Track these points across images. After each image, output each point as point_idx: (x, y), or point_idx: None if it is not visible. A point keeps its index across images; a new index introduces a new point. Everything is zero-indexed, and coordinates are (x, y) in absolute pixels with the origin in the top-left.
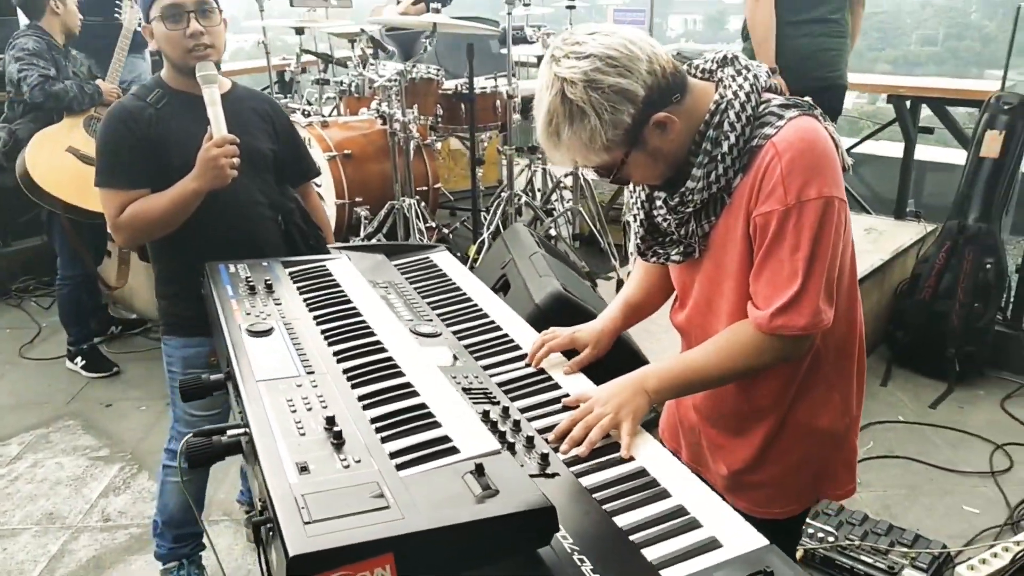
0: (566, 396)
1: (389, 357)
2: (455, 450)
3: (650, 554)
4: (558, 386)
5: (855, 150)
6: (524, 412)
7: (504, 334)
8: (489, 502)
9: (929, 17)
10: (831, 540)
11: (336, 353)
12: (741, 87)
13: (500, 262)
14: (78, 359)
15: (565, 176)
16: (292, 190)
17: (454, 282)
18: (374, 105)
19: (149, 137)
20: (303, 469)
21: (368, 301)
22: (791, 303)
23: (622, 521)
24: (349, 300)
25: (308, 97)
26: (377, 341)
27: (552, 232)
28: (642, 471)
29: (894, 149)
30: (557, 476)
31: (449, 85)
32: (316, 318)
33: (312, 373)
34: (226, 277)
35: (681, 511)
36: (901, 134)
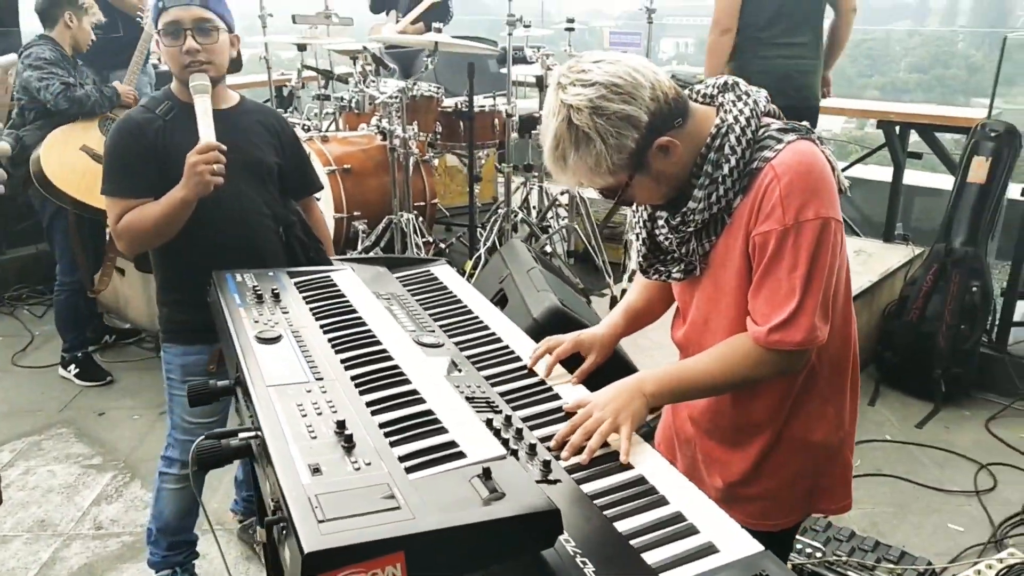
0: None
1: (395, 365)
2: (462, 455)
3: (650, 558)
4: (558, 396)
5: (845, 174)
6: (526, 421)
7: (505, 346)
8: (496, 504)
9: (917, 46)
10: (819, 556)
11: (344, 361)
12: (742, 112)
13: (498, 277)
14: (71, 367)
15: (561, 194)
16: (295, 203)
17: (455, 295)
18: (374, 121)
19: (155, 148)
20: (315, 470)
21: (373, 311)
22: (788, 320)
23: (622, 526)
24: (355, 310)
25: (308, 112)
26: (383, 350)
27: (547, 248)
28: (641, 479)
29: (882, 173)
30: (559, 482)
31: (449, 103)
32: (323, 327)
33: (321, 379)
34: (233, 286)
35: (679, 517)
36: (890, 159)
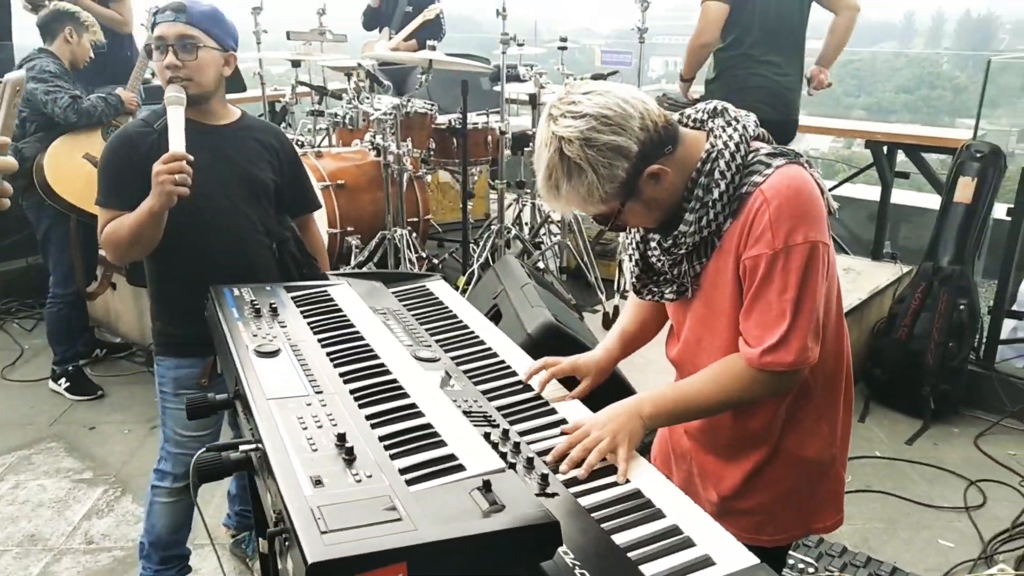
0: (563, 420)
1: (394, 379)
2: (462, 468)
3: (647, 571)
4: (555, 411)
5: (833, 192)
6: (523, 435)
7: (501, 360)
8: (496, 516)
9: (903, 67)
10: (811, 571)
11: (342, 375)
12: (731, 137)
13: (492, 292)
14: (62, 380)
15: (554, 211)
16: (290, 220)
17: (451, 310)
18: (368, 137)
19: (148, 161)
20: (317, 482)
21: (370, 326)
22: (780, 342)
23: (619, 539)
24: (352, 324)
25: (301, 128)
26: (381, 364)
27: (540, 265)
28: (637, 492)
29: (870, 192)
30: (557, 496)
31: (442, 120)
32: (321, 341)
33: (320, 393)
34: (231, 300)
35: (675, 530)
36: (878, 178)
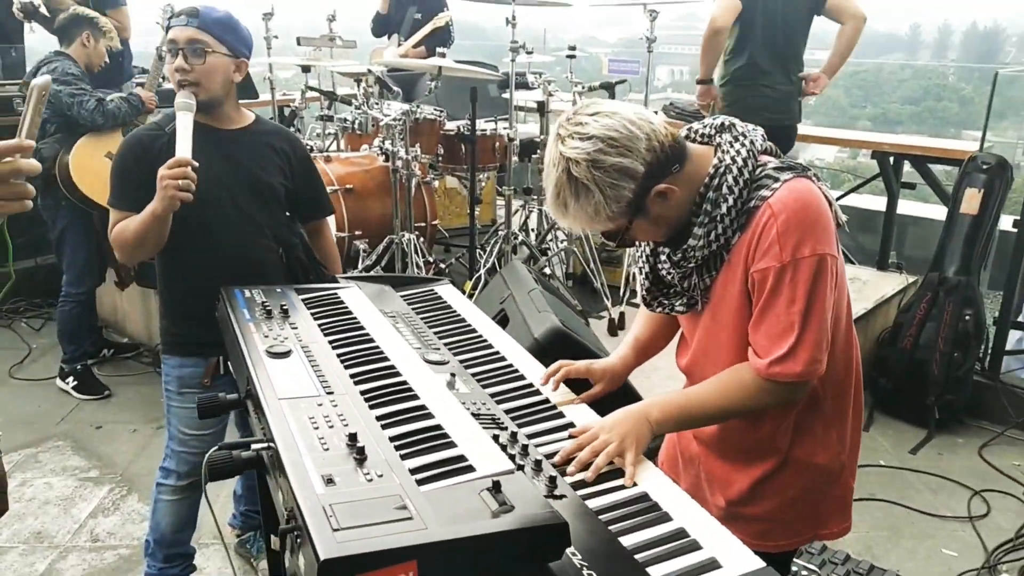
0: (570, 424)
1: (404, 381)
2: (471, 468)
3: (654, 572)
4: (562, 415)
5: (839, 202)
6: (531, 438)
7: (509, 364)
8: (505, 517)
9: (909, 78)
10: None
11: (353, 376)
12: (739, 152)
13: (499, 297)
14: (70, 379)
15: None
16: (300, 225)
17: (459, 314)
18: (377, 142)
19: (158, 164)
20: (329, 481)
21: (380, 328)
22: (788, 353)
23: (627, 541)
24: (362, 327)
25: (310, 132)
26: (391, 366)
27: (546, 270)
28: (644, 495)
29: (876, 202)
30: (564, 497)
31: (451, 126)
32: (332, 342)
33: (331, 393)
34: (242, 301)
35: (682, 533)
36: (884, 188)
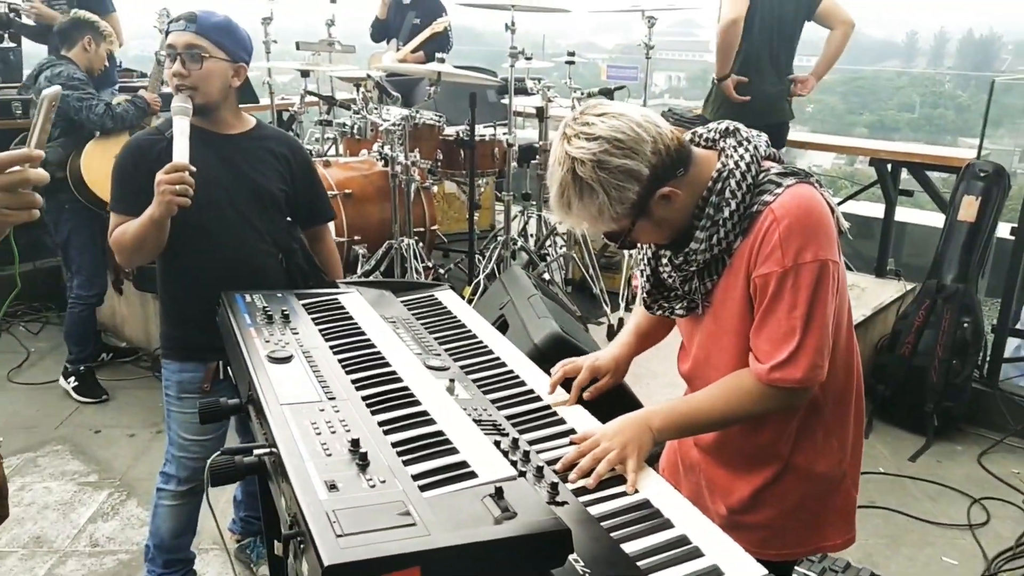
0: (572, 430)
1: (405, 387)
2: (474, 475)
3: None
4: (563, 421)
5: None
6: (532, 444)
7: (510, 370)
8: (508, 523)
9: (905, 85)
10: None
11: (355, 381)
12: (742, 157)
13: (498, 303)
14: (71, 379)
15: (559, 223)
16: (299, 231)
17: (459, 319)
18: (376, 147)
19: (156, 168)
20: (332, 487)
21: (381, 334)
22: (789, 358)
23: (629, 548)
24: (363, 332)
25: (309, 137)
26: (393, 371)
27: (545, 276)
28: (646, 503)
29: (874, 209)
30: (566, 504)
31: (450, 131)
32: (333, 348)
33: (333, 399)
34: (243, 306)
35: (684, 540)
36: (882, 195)
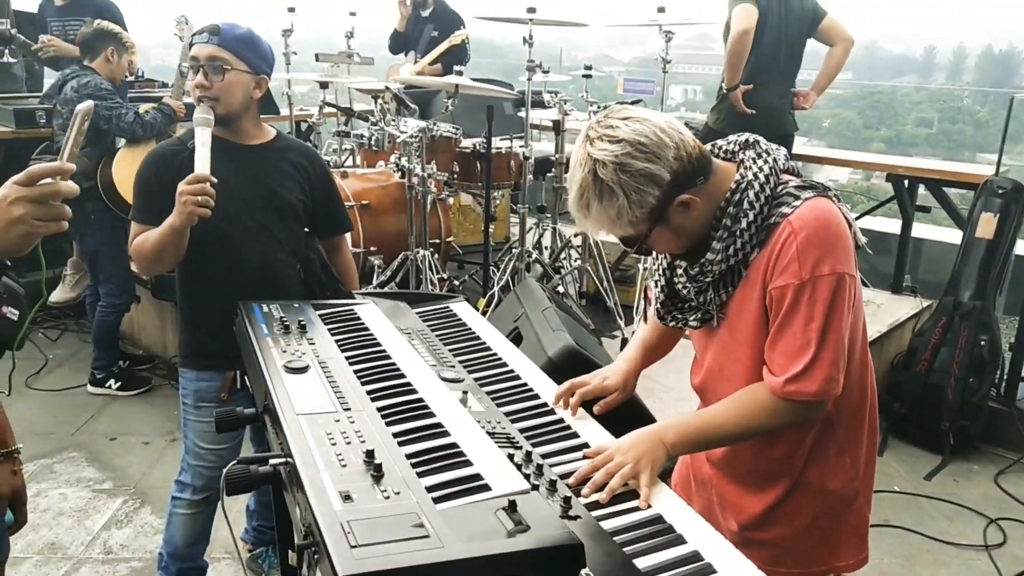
0: (585, 444)
1: (420, 398)
2: (487, 487)
3: None
4: (577, 435)
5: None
6: (545, 458)
7: (523, 383)
8: (521, 536)
9: (924, 100)
10: None
11: (370, 392)
12: (761, 169)
13: (513, 315)
14: (111, 381)
15: (575, 236)
16: (317, 241)
17: (473, 331)
18: (393, 159)
19: (178, 178)
20: (346, 498)
21: (396, 345)
22: (804, 371)
23: (641, 563)
24: (379, 343)
25: (327, 148)
26: (408, 383)
27: (560, 289)
28: (659, 517)
29: (890, 225)
30: (579, 518)
31: (467, 144)
32: (348, 358)
33: (348, 410)
34: (260, 316)
35: (696, 556)
36: (898, 211)
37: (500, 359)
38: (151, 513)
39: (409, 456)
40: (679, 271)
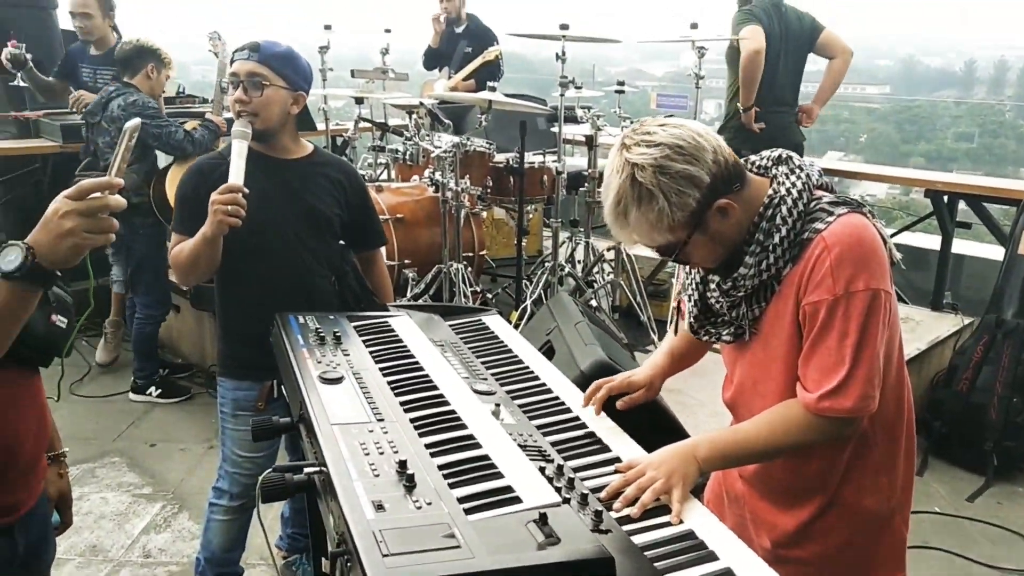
0: (616, 459)
1: (452, 410)
2: (518, 500)
3: None
4: (608, 448)
5: (891, 240)
6: (576, 471)
7: (555, 396)
8: (552, 549)
9: (963, 114)
10: None
11: (403, 403)
12: (794, 184)
13: (545, 328)
14: (152, 389)
15: (607, 250)
16: (352, 254)
17: (506, 344)
18: (427, 173)
19: (215, 190)
20: (379, 507)
21: (429, 357)
22: (839, 387)
23: None
24: (412, 355)
25: (362, 162)
26: (441, 394)
27: (592, 303)
28: (690, 533)
29: (930, 241)
30: (610, 532)
31: (500, 158)
32: (382, 370)
33: (382, 420)
34: (296, 327)
35: (728, 573)
36: (938, 227)
37: (532, 372)
38: (189, 518)
39: (441, 467)
40: (712, 286)
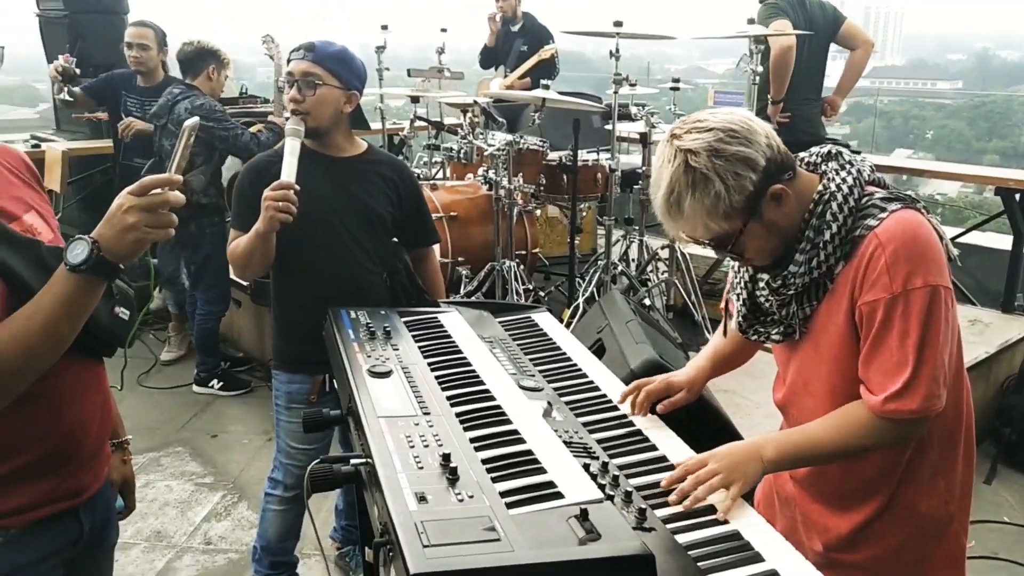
0: (662, 458)
1: (498, 405)
2: (560, 495)
3: None
4: (655, 447)
5: (960, 240)
6: (622, 469)
7: (603, 394)
8: (592, 545)
9: None
10: None
11: (449, 398)
12: (844, 180)
13: (596, 326)
14: (214, 382)
15: (662, 248)
16: (404, 251)
17: (555, 342)
18: (481, 171)
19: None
20: (422, 499)
21: (477, 353)
22: (904, 388)
23: None
24: (460, 351)
25: (417, 160)
26: (487, 390)
27: (646, 302)
28: (736, 534)
29: (1001, 241)
30: (653, 531)
31: (553, 156)
32: (430, 365)
33: (428, 414)
34: (348, 322)
35: (774, 575)
36: (1009, 226)
37: (580, 369)
38: (247, 508)
39: (484, 461)
40: (761, 284)
